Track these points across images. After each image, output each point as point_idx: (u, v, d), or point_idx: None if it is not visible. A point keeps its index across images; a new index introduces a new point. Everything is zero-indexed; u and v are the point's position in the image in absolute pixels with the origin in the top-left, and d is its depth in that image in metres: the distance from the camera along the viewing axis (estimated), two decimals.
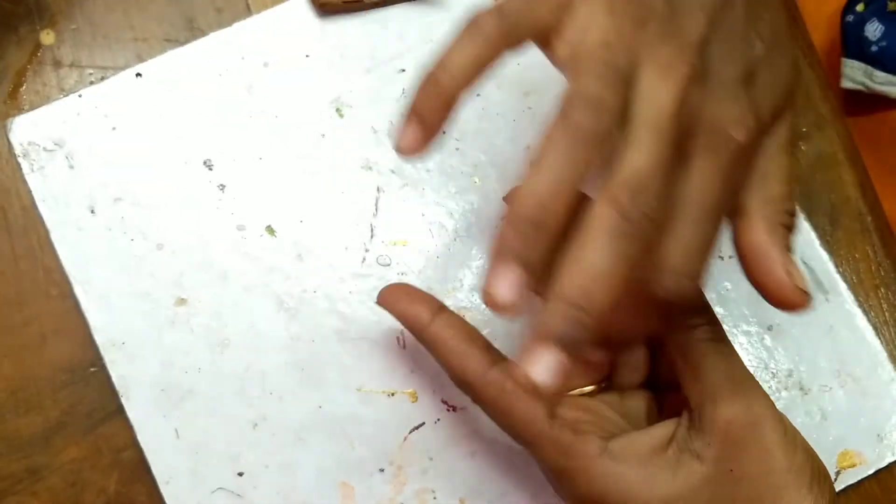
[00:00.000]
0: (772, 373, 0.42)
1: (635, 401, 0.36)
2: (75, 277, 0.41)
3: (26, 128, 0.42)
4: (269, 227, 0.42)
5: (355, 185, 0.43)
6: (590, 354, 0.36)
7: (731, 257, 0.43)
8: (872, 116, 0.65)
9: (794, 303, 0.31)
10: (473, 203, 0.43)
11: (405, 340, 0.41)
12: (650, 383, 0.37)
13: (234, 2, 0.44)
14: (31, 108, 0.42)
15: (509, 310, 0.26)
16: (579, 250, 0.26)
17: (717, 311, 0.42)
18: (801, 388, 0.42)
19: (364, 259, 0.42)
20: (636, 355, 0.36)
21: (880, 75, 0.63)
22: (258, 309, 0.41)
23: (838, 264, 0.44)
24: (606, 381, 0.37)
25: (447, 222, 0.43)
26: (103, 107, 0.42)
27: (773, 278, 0.30)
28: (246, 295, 0.41)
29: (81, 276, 0.41)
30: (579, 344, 0.26)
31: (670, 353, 0.34)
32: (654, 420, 0.36)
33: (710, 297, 0.42)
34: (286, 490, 0.40)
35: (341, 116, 0.43)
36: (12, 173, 0.42)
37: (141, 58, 0.43)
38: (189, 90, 0.43)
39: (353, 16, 0.44)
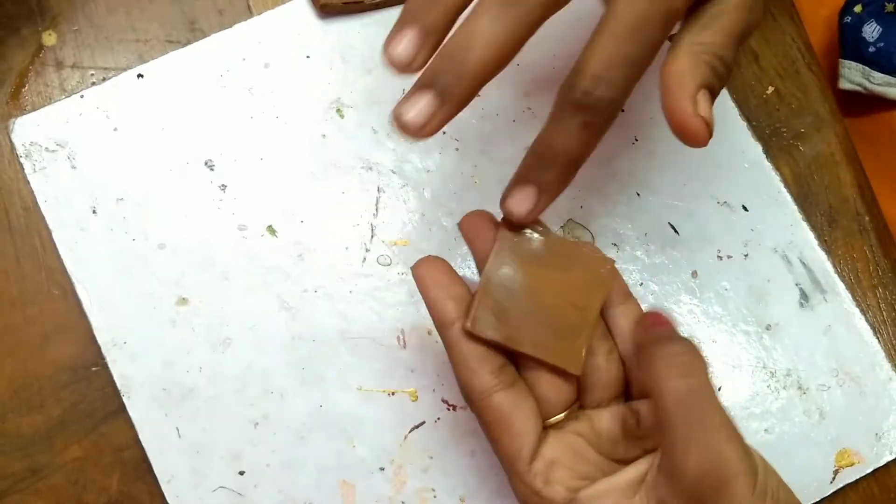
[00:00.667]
0: (770, 372, 0.42)
1: (608, 421, 0.35)
2: (77, 277, 0.41)
3: (28, 128, 0.42)
4: (270, 226, 0.42)
5: (356, 185, 0.43)
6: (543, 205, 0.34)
7: (729, 257, 0.43)
8: (870, 117, 0.65)
9: (693, 131, 0.31)
10: (473, 203, 0.43)
11: (405, 340, 0.42)
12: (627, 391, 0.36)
13: (235, 3, 0.44)
14: (34, 108, 0.42)
15: (404, 66, 0.28)
16: (470, 17, 0.29)
17: (716, 311, 0.43)
18: (799, 388, 0.42)
19: (364, 259, 0.42)
20: (609, 371, 0.36)
21: (878, 76, 0.63)
22: (259, 308, 0.41)
23: (836, 264, 0.44)
24: (576, 404, 0.36)
25: (447, 222, 0.43)
26: (105, 107, 0.42)
27: (678, 105, 0.31)
28: (247, 294, 0.41)
29: (83, 276, 0.41)
30: (452, 92, 0.28)
31: (646, 385, 0.34)
32: (631, 434, 0.35)
33: (709, 296, 0.43)
34: (287, 488, 0.40)
35: (342, 117, 0.43)
36: (14, 174, 0.42)
37: (142, 59, 0.43)
38: (190, 91, 0.43)
39: (354, 17, 0.44)
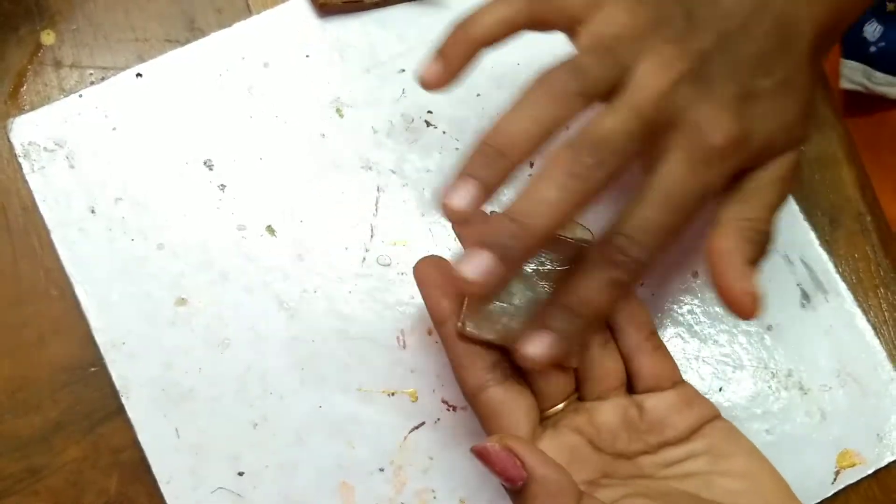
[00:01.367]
0: (772, 373, 0.42)
1: (608, 414, 0.35)
2: (76, 277, 0.41)
3: (27, 128, 0.42)
4: (269, 227, 0.42)
5: (355, 185, 0.43)
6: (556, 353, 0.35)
7: None
8: (871, 117, 0.65)
9: (744, 307, 0.33)
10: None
11: (405, 340, 0.41)
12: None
13: (234, 2, 0.44)
14: (32, 108, 0.42)
15: (458, 217, 0.30)
16: (533, 181, 0.30)
17: (717, 311, 0.43)
18: (800, 388, 0.42)
19: (364, 259, 0.42)
20: (604, 364, 0.36)
21: (879, 76, 0.63)
22: (258, 309, 0.41)
23: (838, 264, 0.44)
24: (575, 395, 0.36)
25: (447, 222, 0.43)
26: (104, 107, 0.42)
27: (730, 284, 0.33)
28: (246, 295, 0.41)
29: (82, 277, 0.41)
30: (512, 253, 0.30)
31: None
32: (634, 427, 0.35)
33: (710, 296, 0.43)
34: (286, 490, 0.40)
35: (341, 116, 0.43)
36: (13, 173, 0.42)
37: (141, 58, 0.43)
38: (189, 90, 0.43)
39: (353, 16, 0.44)
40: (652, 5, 0.33)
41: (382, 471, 0.40)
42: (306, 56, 0.44)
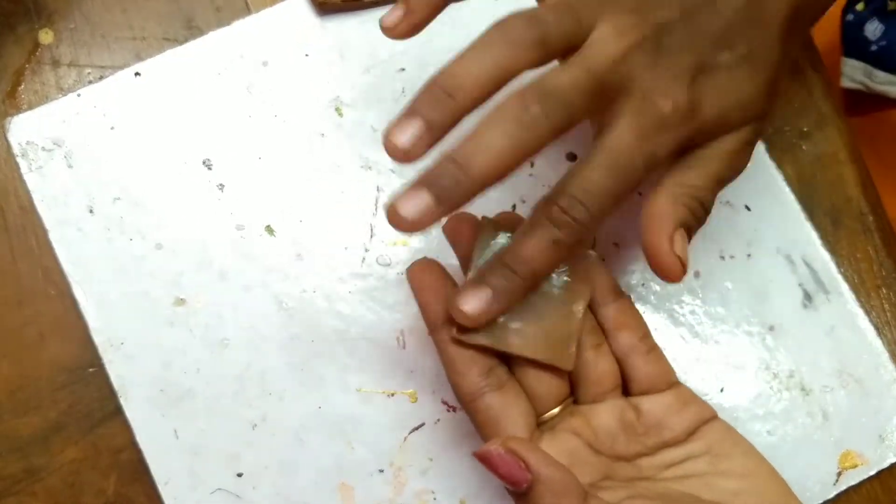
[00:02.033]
0: (773, 373, 0.42)
1: (604, 416, 0.35)
2: (74, 277, 0.41)
3: (25, 127, 0.42)
4: (268, 226, 0.42)
5: (355, 185, 0.43)
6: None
7: (732, 257, 0.43)
8: (872, 116, 0.65)
9: (668, 269, 0.33)
10: (473, 202, 0.43)
11: (405, 340, 0.41)
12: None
13: (233, 1, 0.44)
14: (30, 107, 0.42)
15: (402, 155, 0.29)
16: (478, 126, 0.30)
17: (718, 311, 0.42)
18: (802, 389, 0.42)
19: (364, 259, 0.42)
20: (598, 366, 0.36)
21: (880, 75, 0.63)
22: (257, 309, 0.41)
23: (840, 264, 0.43)
24: (570, 398, 0.36)
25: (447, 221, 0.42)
26: (102, 106, 0.42)
27: (656, 244, 0.33)
28: (245, 295, 0.41)
29: (80, 276, 0.41)
30: (450, 195, 0.29)
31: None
32: (631, 430, 0.35)
33: (712, 296, 0.42)
34: (285, 491, 0.40)
35: (341, 115, 0.43)
36: (11, 173, 0.41)
37: (140, 57, 0.43)
38: (188, 89, 0.43)
39: (353, 14, 0.44)
40: None
41: (382, 472, 0.40)
42: (306, 55, 0.44)
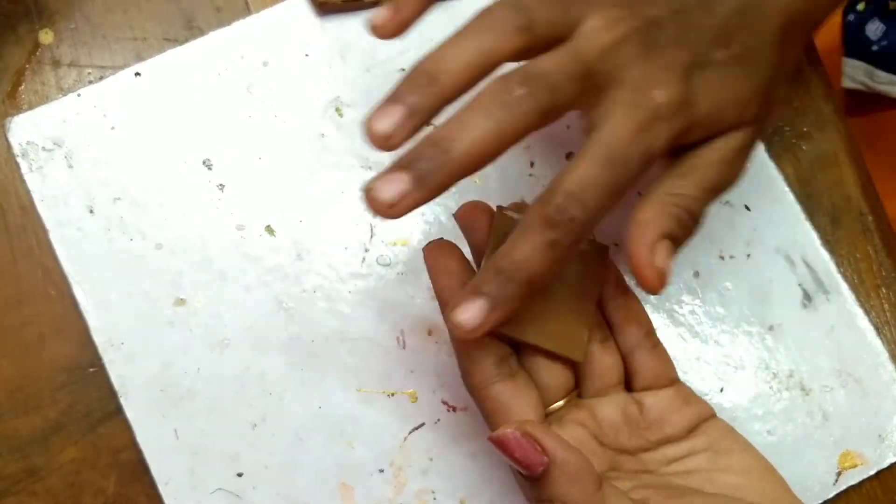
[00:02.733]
0: (773, 373, 0.42)
1: (608, 410, 0.35)
2: (74, 277, 0.41)
3: (25, 127, 0.42)
4: (268, 226, 0.42)
5: (355, 185, 0.43)
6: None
7: (732, 257, 0.43)
8: (873, 116, 0.65)
9: (647, 280, 0.32)
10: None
11: (405, 340, 0.41)
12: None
13: (233, 1, 0.44)
14: (30, 107, 0.42)
15: (385, 143, 0.29)
16: (461, 109, 0.29)
17: (718, 311, 0.42)
18: (802, 389, 0.42)
19: (364, 259, 0.42)
20: (604, 361, 0.36)
21: (881, 75, 0.63)
22: (257, 309, 0.41)
23: (839, 264, 0.43)
24: (574, 392, 0.36)
25: (447, 221, 0.42)
26: (102, 106, 0.42)
27: (637, 252, 0.32)
28: (245, 295, 0.41)
29: (80, 277, 0.41)
30: (429, 178, 0.29)
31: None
32: (634, 424, 0.35)
33: (711, 296, 0.42)
34: (286, 491, 0.40)
35: (341, 116, 0.43)
36: (11, 173, 0.41)
37: (140, 57, 0.43)
38: (188, 89, 0.43)
39: (353, 14, 0.44)
40: None
41: (382, 471, 0.40)
42: (306, 55, 0.44)
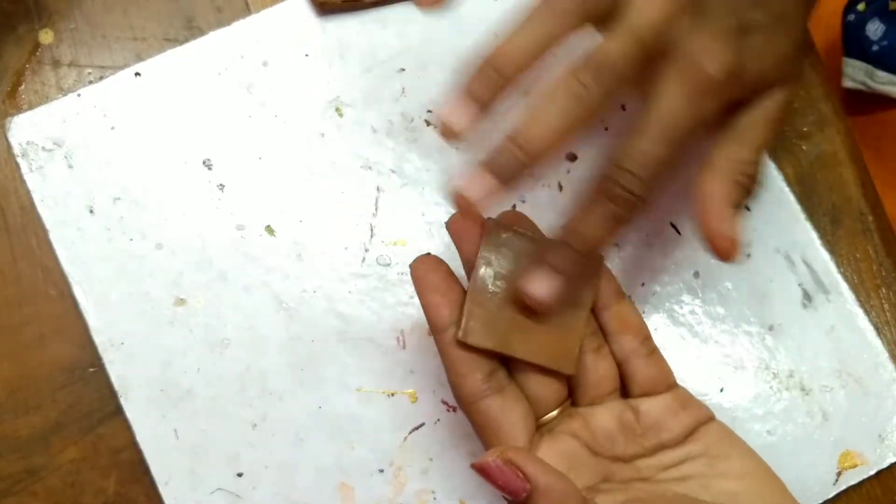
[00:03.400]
0: (773, 373, 0.42)
1: (603, 418, 0.35)
2: (74, 277, 0.41)
3: (25, 127, 0.42)
4: (268, 226, 0.42)
5: (355, 185, 0.43)
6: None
7: None
8: (873, 116, 0.65)
9: (723, 248, 0.34)
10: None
11: (405, 341, 0.41)
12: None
13: (233, 1, 0.44)
14: (30, 107, 0.42)
15: (456, 135, 0.32)
16: (536, 104, 0.31)
17: (718, 311, 0.42)
18: (802, 389, 0.42)
19: (364, 259, 0.42)
20: (598, 369, 0.36)
21: (881, 75, 0.63)
22: (258, 309, 0.41)
23: (839, 264, 0.43)
24: (568, 401, 0.36)
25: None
26: (102, 106, 0.42)
27: (713, 226, 0.34)
28: (245, 295, 0.41)
29: (80, 276, 0.41)
30: (512, 174, 0.31)
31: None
32: (630, 431, 0.35)
33: (711, 296, 0.42)
34: (286, 491, 0.40)
35: (341, 116, 0.43)
36: (11, 173, 0.42)
37: (140, 57, 0.43)
38: (188, 89, 0.43)
39: (353, 15, 0.44)
40: None
41: (382, 471, 0.40)
42: (306, 55, 0.44)
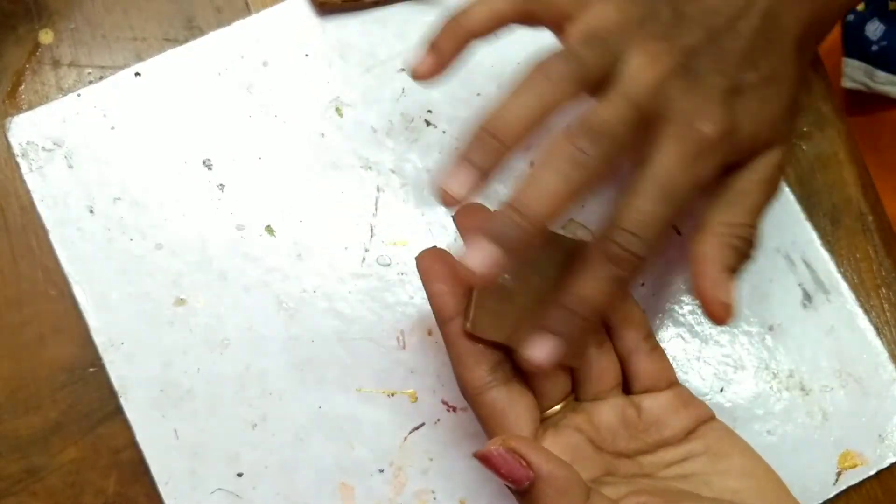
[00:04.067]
0: (773, 373, 0.42)
1: (606, 413, 0.35)
2: (74, 277, 0.41)
3: (25, 127, 0.42)
4: (268, 226, 0.42)
5: (355, 185, 0.43)
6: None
7: None
8: (873, 116, 0.65)
9: (717, 314, 0.34)
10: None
11: (405, 341, 0.41)
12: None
13: (233, 1, 0.44)
14: (30, 107, 0.42)
15: (454, 202, 0.31)
16: (535, 171, 0.31)
17: None
18: (802, 389, 0.42)
19: (364, 259, 0.42)
20: (601, 364, 0.36)
21: (881, 75, 0.63)
22: (257, 309, 0.41)
23: (839, 264, 0.43)
24: (571, 395, 0.36)
25: (447, 222, 0.42)
26: (102, 106, 0.42)
27: (706, 291, 0.34)
28: (245, 295, 0.41)
29: (80, 276, 0.41)
30: (514, 242, 0.30)
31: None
32: (633, 427, 0.35)
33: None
34: (286, 491, 0.40)
35: (341, 116, 0.43)
36: (11, 173, 0.41)
37: (140, 57, 0.43)
38: (188, 89, 0.43)
39: (353, 15, 0.44)
40: (640, 3, 0.33)
41: (382, 471, 0.40)
42: (306, 55, 0.44)
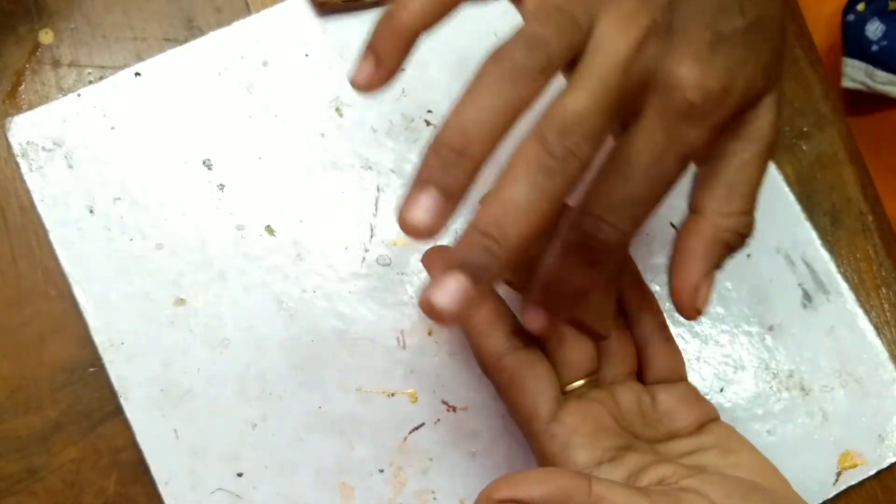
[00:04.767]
0: (773, 373, 0.42)
1: (625, 397, 0.36)
2: (74, 277, 0.41)
3: (25, 127, 0.42)
4: (268, 226, 0.42)
5: (355, 185, 0.43)
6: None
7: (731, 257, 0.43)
8: (873, 116, 0.65)
9: (687, 313, 0.32)
10: (473, 202, 0.43)
11: (405, 341, 0.41)
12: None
13: (233, 1, 0.44)
14: (30, 107, 0.42)
15: (423, 233, 0.25)
16: (500, 182, 0.26)
17: (718, 312, 0.42)
18: (802, 389, 0.42)
19: (364, 259, 0.42)
20: (621, 347, 0.36)
21: (881, 75, 0.63)
22: (257, 309, 0.41)
23: (839, 264, 0.43)
24: (595, 374, 0.36)
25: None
26: (102, 106, 0.42)
27: (682, 284, 0.31)
28: (245, 295, 0.41)
29: (80, 276, 0.41)
30: (488, 272, 0.25)
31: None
32: (647, 415, 0.36)
33: (711, 296, 0.42)
34: (286, 491, 0.40)
35: (341, 116, 0.43)
36: (11, 173, 0.41)
37: (140, 57, 0.43)
38: (188, 89, 0.43)
39: (353, 15, 0.44)
40: None
41: (382, 471, 0.40)
42: (306, 55, 0.44)
